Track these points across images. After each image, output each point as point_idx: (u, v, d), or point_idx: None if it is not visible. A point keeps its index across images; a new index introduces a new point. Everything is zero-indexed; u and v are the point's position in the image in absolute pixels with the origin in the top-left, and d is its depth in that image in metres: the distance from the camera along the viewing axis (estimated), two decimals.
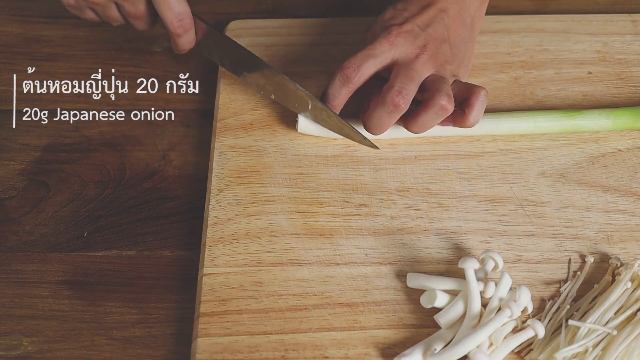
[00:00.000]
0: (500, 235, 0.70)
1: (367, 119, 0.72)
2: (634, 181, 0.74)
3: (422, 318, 0.65)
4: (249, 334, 0.64)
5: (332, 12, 0.92)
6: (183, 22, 0.72)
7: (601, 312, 0.63)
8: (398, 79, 0.70)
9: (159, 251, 0.72)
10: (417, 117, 0.72)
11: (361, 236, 0.70)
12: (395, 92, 0.70)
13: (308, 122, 0.75)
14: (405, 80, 0.70)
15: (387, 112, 0.70)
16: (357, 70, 0.71)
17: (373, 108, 0.71)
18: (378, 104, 0.71)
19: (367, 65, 0.71)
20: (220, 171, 0.74)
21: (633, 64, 0.84)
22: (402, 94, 0.70)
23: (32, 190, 0.76)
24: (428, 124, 0.72)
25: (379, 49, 0.72)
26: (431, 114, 0.71)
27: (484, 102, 0.72)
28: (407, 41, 0.72)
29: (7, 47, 0.88)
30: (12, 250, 0.72)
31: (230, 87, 0.81)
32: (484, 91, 0.72)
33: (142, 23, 0.74)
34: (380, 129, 0.72)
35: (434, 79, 0.72)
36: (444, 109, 0.70)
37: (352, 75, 0.71)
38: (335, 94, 0.72)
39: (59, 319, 0.67)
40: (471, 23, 0.77)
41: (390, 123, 0.72)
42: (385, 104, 0.70)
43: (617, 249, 0.69)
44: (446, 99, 0.70)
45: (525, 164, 0.75)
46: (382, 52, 0.72)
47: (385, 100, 0.70)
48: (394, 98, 0.69)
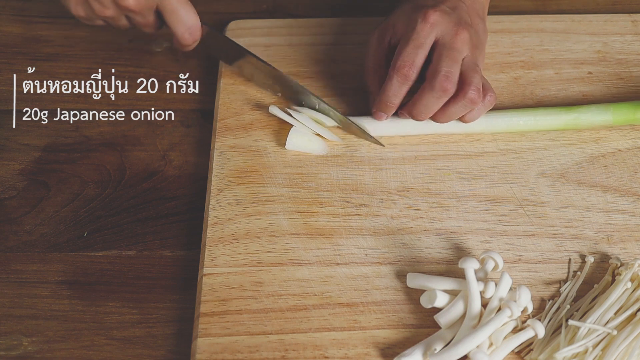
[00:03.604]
0: (500, 235, 0.70)
1: (414, 106, 0.73)
2: (634, 181, 0.74)
3: (422, 318, 0.65)
4: (249, 334, 0.64)
5: (332, 12, 0.92)
6: (193, 34, 0.74)
7: (601, 312, 0.63)
8: (442, 62, 0.71)
9: (159, 251, 0.72)
10: (446, 108, 0.72)
11: (361, 236, 0.70)
12: (443, 77, 0.70)
13: (297, 139, 0.75)
14: (450, 63, 0.71)
15: (435, 97, 0.71)
16: (412, 66, 0.72)
17: (420, 94, 0.72)
18: (425, 89, 0.71)
19: (419, 58, 0.72)
20: (220, 171, 0.74)
21: (633, 64, 0.84)
22: (450, 78, 0.70)
23: (32, 190, 0.76)
24: (455, 115, 0.73)
25: (422, 35, 0.72)
26: (460, 105, 0.71)
27: (487, 104, 0.73)
28: (444, 19, 0.72)
29: (7, 47, 0.88)
30: (12, 250, 0.72)
31: (230, 87, 0.81)
32: (492, 94, 0.73)
33: (150, 29, 0.76)
34: (428, 115, 0.73)
35: (467, 67, 0.72)
36: (473, 102, 0.71)
37: (409, 73, 0.72)
38: (396, 94, 0.73)
39: (59, 319, 0.67)
40: (482, 16, 0.78)
41: (437, 107, 0.72)
42: (434, 89, 0.70)
43: (617, 249, 0.69)
44: (476, 92, 0.70)
45: (525, 164, 0.75)
46: (426, 38, 0.72)
47: (434, 85, 0.70)
48: (443, 83, 0.70)
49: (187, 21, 0.73)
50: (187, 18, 0.73)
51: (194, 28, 0.74)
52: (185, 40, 0.74)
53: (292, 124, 0.76)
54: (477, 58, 0.74)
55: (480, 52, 0.75)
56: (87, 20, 0.75)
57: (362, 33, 0.85)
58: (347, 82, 0.82)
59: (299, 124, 0.76)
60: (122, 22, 0.75)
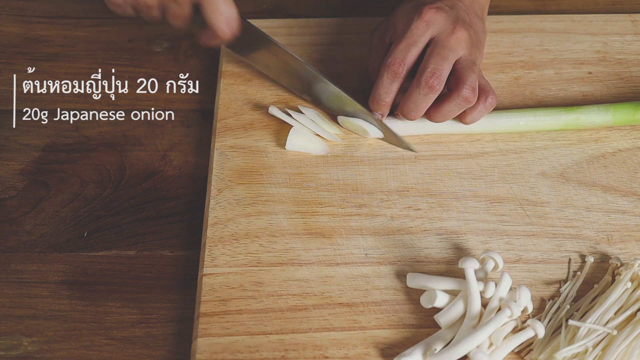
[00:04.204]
0: (500, 235, 0.70)
1: (404, 104, 0.73)
2: (634, 181, 0.74)
3: (422, 318, 0.65)
4: (249, 334, 0.64)
5: (332, 12, 0.92)
6: (231, 26, 0.72)
7: (601, 312, 0.63)
8: (432, 59, 0.71)
9: (159, 251, 0.72)
10: (441, 107, 0.72)
11: (361, 236, 0.70)
12: (429, 73, 0.70)
13: (297, 140, 0.75)
14: (439, 60, 0.70)
15: (422, 94, 0.71)
16: (402, 63, 0.71)
17: (409, 92, 0.72)
18: (413, 87, 0.71)
19: (410, 55, 0.72)
20: (220, 171, 0.74)
21: (633, 64, 0.84)
22: (436, 75, 0.70)
23: (32, 190, 0.76)
24: (450, 114, 0.73)
25: (416, 33, 0.72)
26: (454, 104, 0.71)
27: (488, 106, 0.73)
28: (442, 17, 0.72)
29: (7, 47, 0.88)
30: (12, 250, 0.72)
31: (230, 87, 0.81)
32: (493, 96, 0.73)
33: (182, 23, 0.73)
34: (417, 113, 0.73)
35: (463, 65, 0.72)
36: (468, 100, 0.71)
37: (399, 70, 0.72)
38: (387, 92, 0.73)
39: (59, 319, 0.67)
40: (481, 16, 0.78)
41: (426, 105, 0.72)
42: (420, 86, 0.70)
43: (617, 249, 0.69)
44: (470, 91, 0.70)
45: (525, 164, 0.75)
46: (420, 36, 0.72)
47: (420, 82, 0.70)
48: (428, 80, 0.70)
49: (225, 11, 0.71)
50: (227, 9, 0.71)
51: (232, 19, 0.72)
52: (224, 33, 0.72)
53: (292, 125, 0.76)
54: (476, 58, 0.74)
55: (480, 52, 0.75)
56: (119, 7, 0.72)
57: (362, 33, 0.85)
58: (347, 82, 0.81)
59: (298, 125, 0.76)
60: (155, 14, 0.73)
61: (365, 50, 0.79)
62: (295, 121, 0.76)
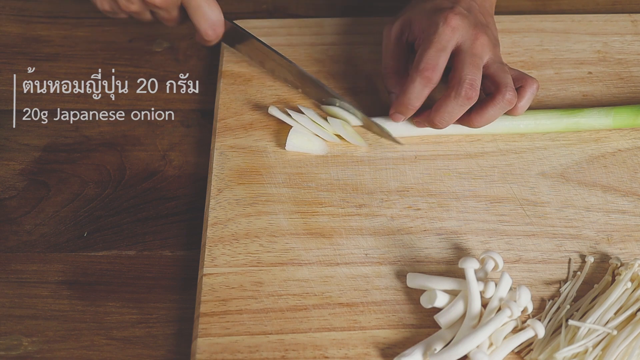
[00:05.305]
0: (500, 235, 0.70)
1: (436, 114, 0.72)
2: (634, 181, 0.74)
3: (422, 318, 0.65)
4: (249, 334, 0.64)
5: (332, 13, 0.92)
6: (216, 30, 0.76)
7: (601, 312, 0.63)
8: (466, 69, 0.71)
9: (159, 251, 0.72)
10: (484, 112, 0.72)
11: (361, 236, 0.70)
12: (468, 85, 0.70)
13: (297, 140, 0.75)
14: (474, 70, 0.71)
15: (459, 105, 0.71)
16: (435, 69, 0.71)
17: (443, 101, 0.71)
18: (449, 97, 0.71)
19: (442, 61, 0.72)
20: (220, 171, 0.74)
21: (633, 64, 0.84)
22: (474, 87, 0.70)
23: (32, 190, 0.76)
24: (493, 117, 0.73)
25: (445, 39, 0.71)
26: (499, 108, 0.72)
27: (534, 93, 0.74)
28: (465, 23, 0.72)
29: (7, 47, 0.88)
30: (12, 250, 0.72)
31: (230, 87, 0.81)
32: (537, 83, 0.74)
33: (173, 24, 0.77)
34: (450, 122, 0.73)
35: (495, 68, 0.72)
36: (510, 102, 0.71)
37: (432, 76, 0.71)
38: (418, 97, 0.72)
39: (59, 319, 0.67)
40: (492, 12, 0.78)
41: (459, 115, 0.72)
42: (460, 97, 0.70)
43: (617, 249, 0.69)
44: (512, 92, 0.71)
45: (525, 164, 0.75)
46: (448, 42, 0.72)
47: (459, 93, 0.70)
48: (468, 91, 0.70)
49: (211, 17, 0.75)
50: (211, 14, 0.74)
51: (218, 24, 0.75)
52: (208, 36, 0.76)
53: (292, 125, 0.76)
54: (500, 57, 0.74)
55: (499, 49, 0.76)
56: (111, 14, 0.76)
57: (362, 33, 0.85)
58: (347, 82, 0.82)
59: (298, 125, 0.76)
60: (146, 17, 0.76)
61: (366, 50, 0.79)
62: (295, 121, 0.76)
